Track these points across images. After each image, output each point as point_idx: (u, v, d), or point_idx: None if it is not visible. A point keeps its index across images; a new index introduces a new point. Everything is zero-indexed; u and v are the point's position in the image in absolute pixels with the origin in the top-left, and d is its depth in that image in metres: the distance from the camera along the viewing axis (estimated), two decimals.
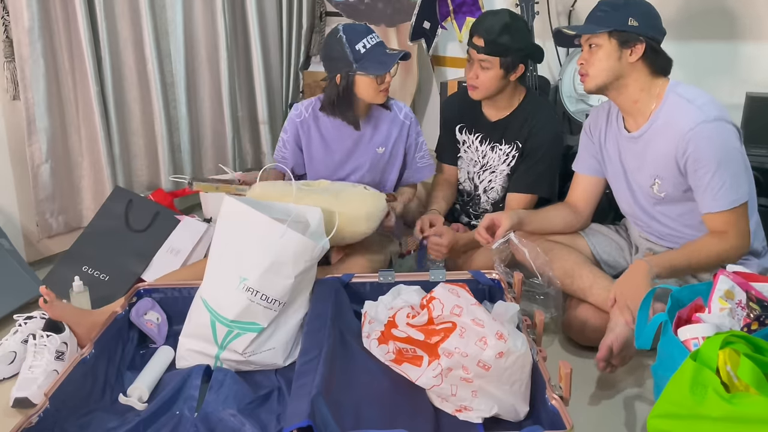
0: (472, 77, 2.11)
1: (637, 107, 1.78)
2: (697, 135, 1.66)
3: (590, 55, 1.75)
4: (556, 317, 1.91)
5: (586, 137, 2.01)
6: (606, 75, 1.74)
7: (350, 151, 2.15)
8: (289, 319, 1.68)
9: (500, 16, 2.07)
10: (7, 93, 2.32)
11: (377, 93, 2.01)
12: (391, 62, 1.95)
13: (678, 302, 1.47)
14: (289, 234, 1.59)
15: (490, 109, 2.24)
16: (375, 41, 1.98)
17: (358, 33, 1.97)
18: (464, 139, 2.33)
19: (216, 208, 2.51)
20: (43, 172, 2.41)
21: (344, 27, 1.99)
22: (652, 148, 1.77)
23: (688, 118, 1.68)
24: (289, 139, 2.18)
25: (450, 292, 1.48)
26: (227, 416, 1.48)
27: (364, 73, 1.95)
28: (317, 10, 3.35)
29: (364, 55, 1.95)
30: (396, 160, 2.19)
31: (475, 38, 2.07)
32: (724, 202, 1.68)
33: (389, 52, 1.97)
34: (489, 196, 2.30)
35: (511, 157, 2.21)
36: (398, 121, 2.15)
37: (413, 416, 1.41)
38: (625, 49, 1.72)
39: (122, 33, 2.61)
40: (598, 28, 1.72)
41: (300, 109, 2.17)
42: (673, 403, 1.22)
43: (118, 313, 1.75)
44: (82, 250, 2.29)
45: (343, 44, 1.95)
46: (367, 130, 2.14)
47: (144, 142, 2.77)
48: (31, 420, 1.33)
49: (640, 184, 1.85)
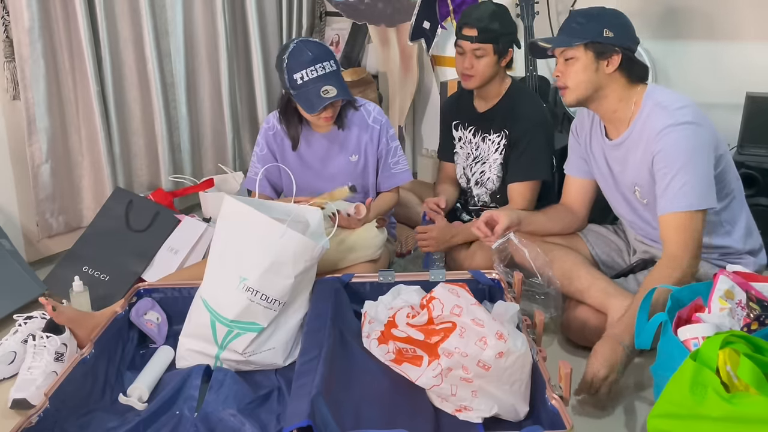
0: (467, 68, 2.13)
1: (616, 116, 1.78)
2: (665, 137, 1.65)
3: (566, 68, 1.74)
4: (555, 317, 1.91)
5: (573, 139, 2.02)
6: (585, 87, 1.73)
7: (323, 161, 2.11)
8: (289, 319, 1.68)
9: (486, 5, 2.15)
10: (7, 93, 2.32)
11: (317, 121, 1.98)
12: (318, 105, 1.85)
13: (678, 302, 1.47)
14: (289, 234, 1.59)
15: (479, 100, 2.27)
16: (315, 74, 1.86)
17: (300, 63, 1.86)
18: (460, 135, 2.35)
19: (215, 208, 2.52)
20: (43, 172, 2.41)
21: (293, 50, 1.89)
22: (632, 155, 1.77)
23: (660, 121, 1.67)
24: (264, 153, 2.12)
25: (450, 292, 1.48)
26: (227, 416, 1.48)
27: (298, 104, 1.92)
28: (317, 10, 3.36)
29: (300, 87, 1.87)
30: (370, 166, 2.14)
31: (466, 29, 2.11)
32: (681, 203, 1.63)
33: (323, 94, 1.85)
34: (486, 187, 2.30)
35: (502, 146, 2.21)
36: (367, 126, 2.10)
37: (413, 416, 1.41)
38: (601, 61, 1.71)
39: (122, 33, 2.61)
40: (574, 40, 1.71)
41: (272, 121, 2.12)
42: (673, 403, 1.22)
43: (118, 313, 1.75)
44: (83, 251, 2.29)
45: (283, 69, 1.89)
46: (336, 141, 2.09)
47: (144, 141, 2.77)
48: (31, 420, 1.33)
49: (626, 190, 1.85)
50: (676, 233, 1.65)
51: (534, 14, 2.64)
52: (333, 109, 1.95)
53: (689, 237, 1.63)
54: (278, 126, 2.11)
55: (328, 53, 1.91)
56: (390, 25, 3.04)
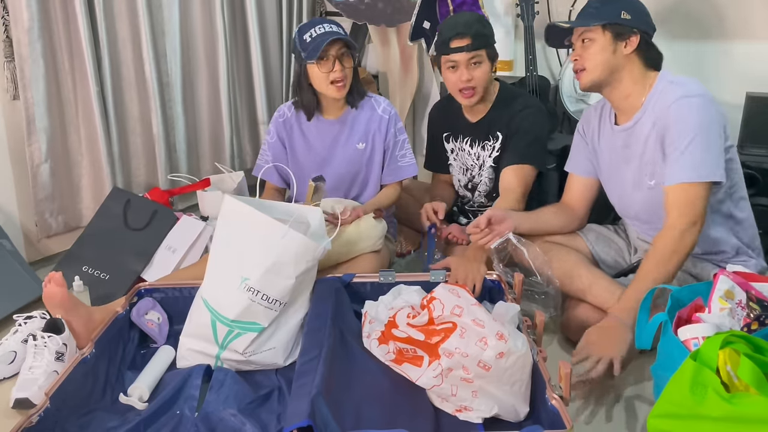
0: (466, 80, 2.06)
1: (629, 102, 1.79)
2: (678, 106, 1.66)
3: (584, 50, 1.76)
4: (555, 317, 1.91)
5: (579, 138, 2.02)
6: (602, 69, 1.74)
7: (330, 148, 2.15)
8: (289, 319, 1.68)
9: (467, 14, 2.14)
10: (7, 93, 2.32)
11: (328, 84, 2.01)
12: (322, 45, 1.92)
13: (678, 302, 1.47)
14: (291, 234, 1.59)
15: (470, 110, 2.22)
16: (323, 30, 1.96)
17: (310, 25, 2.00)
18: (452, 147, 2.32)
19: (212, 207, 2.53)
20: (42, 172, 2.41)
21: (303, 24, 2.05)
22: (643, 134, 1.77)
23: (671, 95, 1.68)
24: (274, 141, 2.19)
25: (450, 292, 1.48)
26: (228, 416, 1.48)
27: (307, 61, 1.97)
28: (317, 10, 3.36)
29: (309, 44, 1.96)
30: (376, 155, 2.17)
31: (456, 41, 2.04)
32: (692, 173, 1.63)
33: (328, 38, 1.94)
34: (480, 190, 2.29)
35: (496, 149, 2.19)
36: (376, 116, 2.14)
37: (413, 416, 1.41)
38: (619, 42, 1.73)
39: (120, 33, 2.61)
40: (592, 21, 1.73)
41: (283, 109, 2.20)
42: (673, 403, 1.22)
43: (119, 312, 1.75)
44: (82, 251, 2.30)
45: (295, 43, 2.00)
46: (345, 127, 2.13)
47: (142, 141, 2.77)
48: (32, 419, 1.33)
49: (633, 176, 1.84)
50: (679, 202, 1.65)
51: (534, 14, 2.64)
52: (342, 67, 1.99)
53: (692, 206, 1.64)
54: (288, 113, 2.17)
55: (336, 22, 2.04)
56: (390, 25, 3.04)
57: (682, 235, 1.63)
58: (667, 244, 1.64)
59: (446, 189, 2.39)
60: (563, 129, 2.75)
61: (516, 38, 2.87)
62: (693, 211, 1.64)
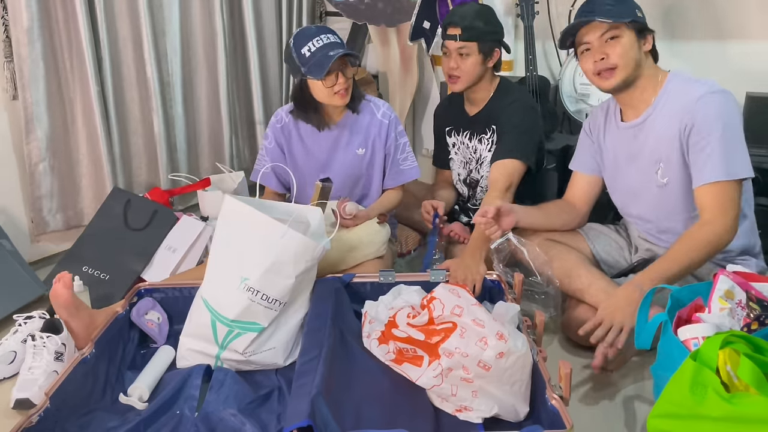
0: (452, 68, 2.12)
1: (642, 97, 1.79)
2: (704, 103, 1.66)
3: (611, 48, 1.72)
4: (555, 317, 1.91)
5: (585, 136, 2.02)
6: (633, 65, 1.74)
7: (330, 153, 2.12)
8: (289, 318, 1.68)
9: (470, 5, 2.15)
10: (7, 93, 2.32)
11: (331, 95, 1.97)
12: (327, 63, 1.87)
13: (678, 302, 1.47)
14: (290, 234, 1.59)
15: (469, 104, 2.26)
16: (322, 43, 1.92)
17: (305, 37, 1.93)
18: (453, 141, 2.34)
19: (213, 207, 2.53)
20: (39, 170, 2.41)
21: (296, 33, 1.97)
22: (656, 131, 1.77)
23: (695, 91, 1.69)
24: (272, 147, 2.15)
25: (450, 292, 1.48)
26: (228, 416, 1.48)
27: (310, 77, 1.94)
28: (317, 10, 3.36)
29: (308, 59, 1.91)
30: (377, 161, 2.15)
31: (450, 29, 2.10)
32: (721, 172, 1.64)
33: (331, 53, 1.89)
34: (482, 185, 2.31)
35: (492, 143, 2.21)
36: (376, 120, 2.12)
37: (413, 416, 1.41)
38: (641, 39, 1.74)
39: (121, 32, 2.61)
40: (620, 18, 1.71)
41: (281, 114, 2.16)
42: (673, 403, 1.22)
43: (119, 312, 1.75)
44: (82, 251, 2.30)
45: (291, 50, 1.95)
46: (345, 133, 2.11)
47: (143, 141, 2.77)
48: (32, 419, 1.33)
49: (641, 174, 1.84)
50: (716, 200, 1.65)
51: (534, 14, 2.64)
52: (345, 79, 1.96)
53: (728, 204, 1.65)
54: (286, 119, 2.14)
55: (330, 30, 1.98)
56: (390, 25, 3.04)
57: (724, 231, 1.65)
58: (705, 236, 1.64)
59: (447, 189, 2.40)
60: (563, 129, 2.75)
61: (516, 38, 2.87)
62: (733, 207, 1.65)
